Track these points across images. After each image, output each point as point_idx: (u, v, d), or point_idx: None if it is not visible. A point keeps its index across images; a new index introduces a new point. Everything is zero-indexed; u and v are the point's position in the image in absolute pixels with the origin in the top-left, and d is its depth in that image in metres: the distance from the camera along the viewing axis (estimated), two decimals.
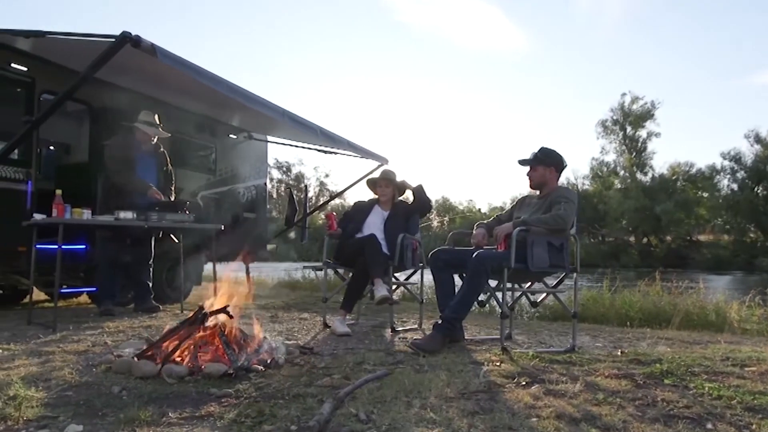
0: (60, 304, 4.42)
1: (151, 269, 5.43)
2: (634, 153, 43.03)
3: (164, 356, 2.66)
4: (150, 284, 5.40)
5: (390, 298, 4.09)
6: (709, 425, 1.99)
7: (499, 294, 3.46)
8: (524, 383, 2.53)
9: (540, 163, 3.76)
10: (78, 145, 6.56)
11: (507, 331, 3.88)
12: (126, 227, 4.79)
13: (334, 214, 4.75)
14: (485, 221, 3.99)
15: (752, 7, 65.45)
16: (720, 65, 70.91)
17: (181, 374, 2.52)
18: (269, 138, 8.39)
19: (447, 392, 2.33)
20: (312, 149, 8.15)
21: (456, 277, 3.78)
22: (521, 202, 3.99)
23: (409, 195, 4.71)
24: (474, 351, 3.38)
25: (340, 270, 4.68)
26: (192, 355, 2.68)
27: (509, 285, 3.50)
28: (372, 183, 4.80)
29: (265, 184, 8.59)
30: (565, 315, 5.12)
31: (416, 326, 4.57)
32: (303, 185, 48.99)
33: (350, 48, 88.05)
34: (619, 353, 3.36)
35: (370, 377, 2.52)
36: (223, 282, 3.37)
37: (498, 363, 2.97)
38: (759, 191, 38.88)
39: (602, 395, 2.32)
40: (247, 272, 8.21)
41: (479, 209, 54.17)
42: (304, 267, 6.11)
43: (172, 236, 5.54)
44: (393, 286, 4.42)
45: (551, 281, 3.83)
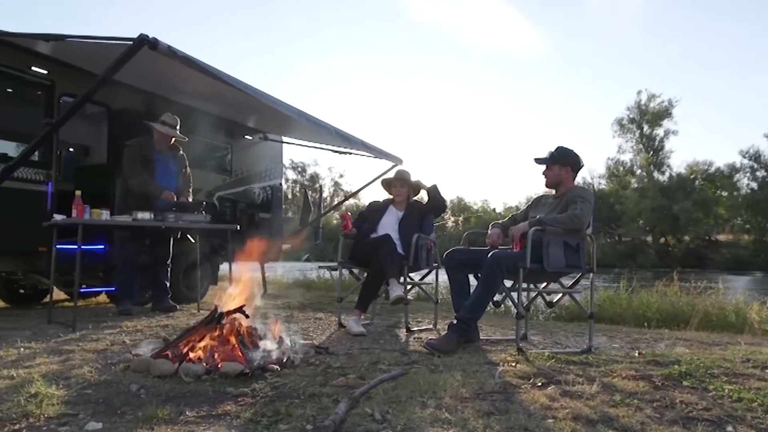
0: (79, 304, 4.48)
1: (169, 269, 5.48)
2: (651, 152, 42.49)
3: (181, 355, 2.69)
4: (168, 284, 5.45)
5: (404, 298, 4.09)
6: (730, 428, 1.96)
7: (515, 294, 3.45)
8: (540, 384, 2.51)
9: (556, 162, 3.73)
10: (97, 147, 6.66)
11: (522, 332, 3.87)
12: (144, 228, 4.85)
13: (349, 214, 4.76)
14: (500, 221, 3.97)
15: None
16: (738, 62, 69.99)
17: (198, 373, 2.54)
18: (284, 139, 8.45)
19: (462, 393, 2.32)
20: (327, 150, 8.21)
21: (471, 277, 3.77)
22: (537, 202, 3.96)
23: (424, 195, 4.71)
24: (489, 351, 3.36)
25: (355, 270, 4.69)
26: (208, 355, 2.71)
27: (524, 285, 3.48)
28: (387, 183, 4.79)
29: (281, 185, 8.65)
30: (582, 315, 5.08)
31: (431, 326, 4.56)
32: (318, 185, 49.17)
33: (364, 48, 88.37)
34: (637, 354, 3.33)
35: (385, 377, 2.52)
36: (239, 282, 3.41)
37: (513, 363, 2.95)
38: None
39: (619, 396, 2.30)
40: (263, 272, 8.28)
41: (494, 209, 54.09)
42: (320, 267, 6.12)
43: (189, 236, 5.60)
44: (408, 286, 4.42)
45: (567, 281, 3.81)
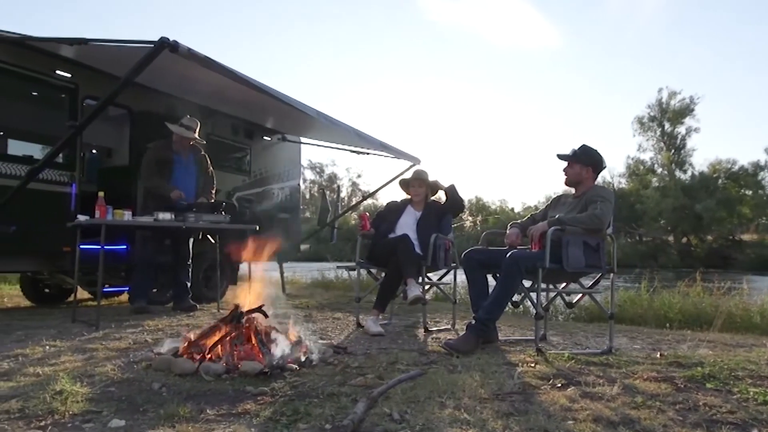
0: (102, 303, 4.56)
1: (190, 269, 5.55)
2: (673, 150, 41.70)
3: (202, 354, 2.72)
4: (188, 284, 5.52)
5: (422, 298, 4.09)
6: (755, 431, 1.93)
7: (534, 294, 3.43)
8: (560, 385, 2.49)
9: (578, 161, 3.69)
10: (119, 149, 6.77)
11: (542, 332, 3.84)
12: (165, 228, 4.92)
13: (367, 214, 4.77)
14: (519, 221, 3.95)
15: None
16: (760, 60, 68.29)
17: (218, 372, 2.57)
18: (302, 139, 8.49)
19: (481, 393, 2.32)
20: (345, 150, 8.23)
21: (489, 278, 3.75)
22: (556, 201, 3.93)
23: (442, 195, 4.70)
24: (508, 352, 3.35)
25: (373, 270, 4.70)
26: (228, 354, 2.74)
27: (544, 285, 3.46)
28: (405, 183, 4.79)
29: (299, 185, 8.71)
30: (602, 316, 5.02)
31: (449, 326, 4.55)
32: (336, 186, 49.35)
33: (381, 49, 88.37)
34: (658, 356, 3.28)
35: (404, 377, 2.52)
36: (258, 282, 3.44)
37: (533, 364, 2.94)
38: None
39: (641, 398, 2.27)
40: (281, 272, 8.33)
41: (512, 209, 53.69)
42: (338, 267, 6.14)
43: (209, 237, 5.66)
44: (426, 286, 4.42)
45: (587, 282, 3.77)
